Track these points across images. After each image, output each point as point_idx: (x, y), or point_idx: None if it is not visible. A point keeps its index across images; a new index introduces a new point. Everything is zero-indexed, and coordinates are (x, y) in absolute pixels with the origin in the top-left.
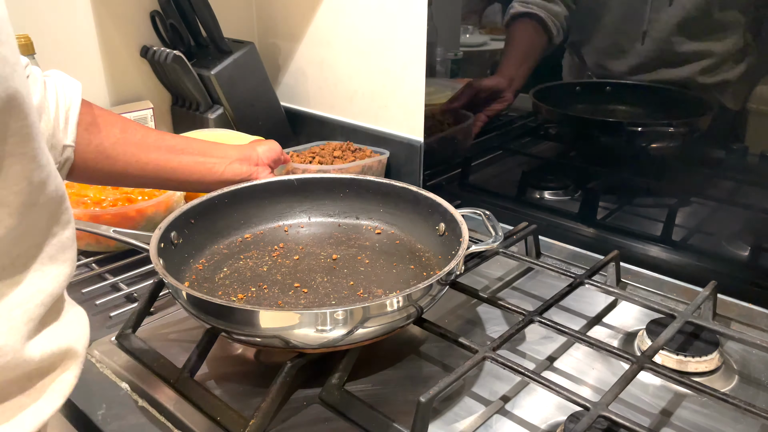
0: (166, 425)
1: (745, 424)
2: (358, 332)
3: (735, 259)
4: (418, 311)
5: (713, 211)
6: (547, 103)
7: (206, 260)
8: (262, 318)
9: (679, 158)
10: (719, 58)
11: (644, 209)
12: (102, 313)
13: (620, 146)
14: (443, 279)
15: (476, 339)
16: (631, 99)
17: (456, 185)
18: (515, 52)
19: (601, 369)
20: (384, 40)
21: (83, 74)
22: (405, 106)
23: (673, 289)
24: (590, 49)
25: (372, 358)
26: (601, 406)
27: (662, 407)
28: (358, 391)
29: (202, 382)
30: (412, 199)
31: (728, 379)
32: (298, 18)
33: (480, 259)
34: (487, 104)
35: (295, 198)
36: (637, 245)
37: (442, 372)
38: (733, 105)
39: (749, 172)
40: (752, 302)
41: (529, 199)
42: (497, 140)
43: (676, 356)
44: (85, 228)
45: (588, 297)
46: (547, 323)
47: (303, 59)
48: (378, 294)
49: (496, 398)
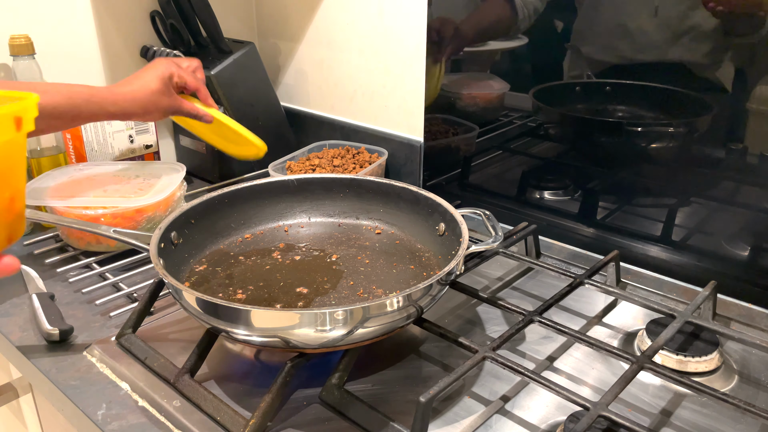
0: (166, 425)
1: (744, 424)
2: (358, 332)
3: (735, 259)
4: (418, 311)
5: (713, 211)
6: (547, 103)
7: (206, 260)
8: (262, 318)
9: (679, 158)
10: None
11: (644, 209)
12: (102, 313)
13: (620, 146)
14: (443, 279)
15: (476, 339)
16: (631, 99)
17: (456, 185)
18: (478, 13)
19: (601, 369)
20: (384, 40)
21: (83, 74)
22: (405, 106)
23: (673, 289)
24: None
25: (372, 358)
26: (601, 406)
27: (662, 407)
28: (358, 391)
29: (202, 382)
30: (412, 199)
31: (728, 379)
32: (298, 18)
33: (480, 259)
34: (448, 44)
35: (295, 198)
36: (637, 245)
37: (442, 372)
38: (733, 105)
39: (749, 172)
40: (752, 302)
41: (529, 199)
42: (497, 140)
43: (676, 356)
44: (85, 228)
45: (588, 297)
46: (547, 323)
47: (303, 59)
48: (378, 294)
49: (496, 398)
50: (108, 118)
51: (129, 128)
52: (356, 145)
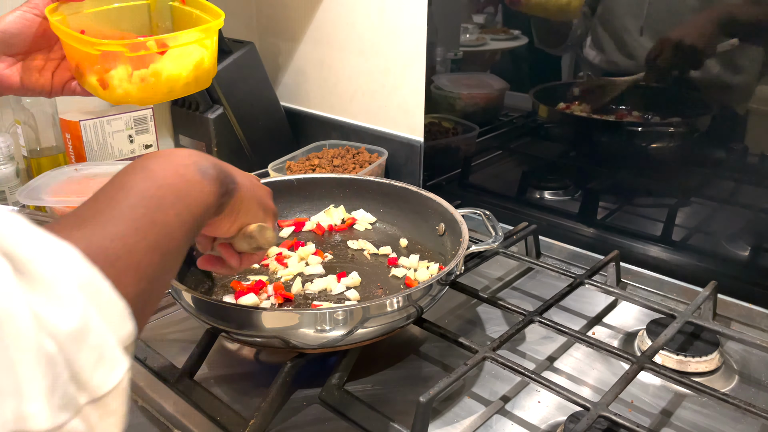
0: (166, 425)
1: (745, 424)
2: (358, 332)
3: (735, 259)
4: (418, 311)
5: (713, 211)
6: (547, 103)
7: None
8: (262, 318)
9: (679, 158)
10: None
11: (644, 209)
12: None
13: (620, 146)
14: (443, 279)
15: (476, 339)
16: (632, 99)
17: (456, 185)
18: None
19: (602, 369)
20: (384, 40)
21: None
22: (405, 106)
23: (673, 289)
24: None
25: (372, 358)
26: (601, 406)
27: (662, 407)
28: (358, 391)
29: (202, 382)
30: (412, 199)
31: (728, 379)
32: (298, 18)
33: (480, 259)
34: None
35: (295, 198)
36: (637, 245)
37: (442, 372)
38: (733, 104)
39: (749, 172)
40: (752, 302)
41: (529, 199)
42: (497, 140)
43: (677, 356)
44: None
45: (588, 297)
46: (547, 323)
47: (303, 59)
48: (378, 294)
49: (496, 398)
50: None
51: (129, 128)
52: (356, 145)
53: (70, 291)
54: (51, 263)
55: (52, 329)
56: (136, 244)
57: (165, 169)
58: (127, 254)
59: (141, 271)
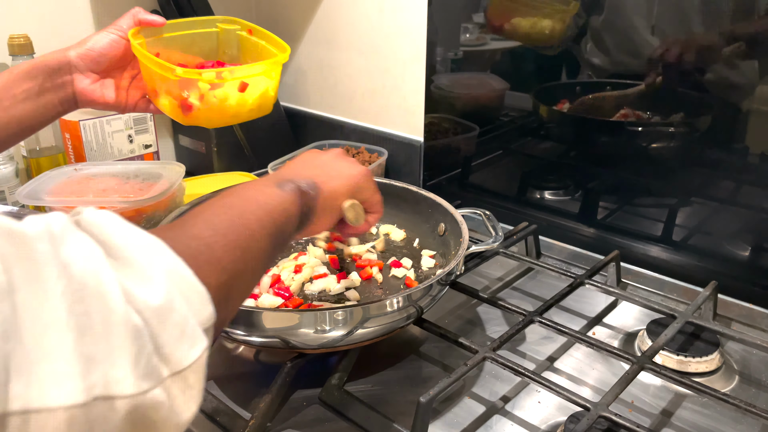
0: None
1: (745, 424)
2: (358, 332)
3: (735, 259)
4: (418, 311)
5: (713, 211)
6: (547, 103)
7: None
8: (263, 318)
9: (679, 158)
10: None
11: (644, 209)
12: None
13: (620, 146)
14: (443, 279)
15: (476, 339)
16: (632, 99)
17: (456, 185)
18: None
19: (602, 369)
20: (384, 40)
21: None
22: (405, 106)
23: (673, 289)
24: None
25: (372, 358)
26: (601, 406)
27: (663, 408)
28: (358, 391)
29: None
30: (412, 199)
31: (729, 379)
32: (298, 18)
33: (480, 259)
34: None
35: None
36: (637, 245)
37: (442, 372)
38: (734, 104)
39: (749, 172)
40: (752, 302)
41: (529, 199)
42: (497, 140)
43: (677, 356)
44: None
45: (588, 297)
46: (547, 323)
47: (303, 59)
48: (378, 294)
49: (496, 399)
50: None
51: (128, 128)
52: (356, 145)
53: (156, 273)
54: (140, 250)
55: (140, 304)
56: (215, 242)
57: (246, 188)
58: (207, 250)
59: (221, 265)
